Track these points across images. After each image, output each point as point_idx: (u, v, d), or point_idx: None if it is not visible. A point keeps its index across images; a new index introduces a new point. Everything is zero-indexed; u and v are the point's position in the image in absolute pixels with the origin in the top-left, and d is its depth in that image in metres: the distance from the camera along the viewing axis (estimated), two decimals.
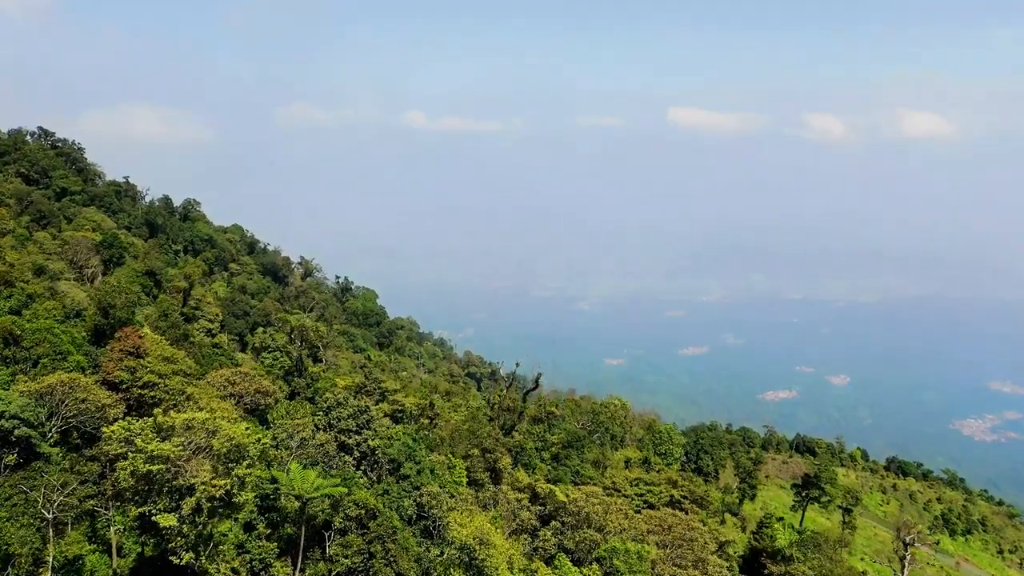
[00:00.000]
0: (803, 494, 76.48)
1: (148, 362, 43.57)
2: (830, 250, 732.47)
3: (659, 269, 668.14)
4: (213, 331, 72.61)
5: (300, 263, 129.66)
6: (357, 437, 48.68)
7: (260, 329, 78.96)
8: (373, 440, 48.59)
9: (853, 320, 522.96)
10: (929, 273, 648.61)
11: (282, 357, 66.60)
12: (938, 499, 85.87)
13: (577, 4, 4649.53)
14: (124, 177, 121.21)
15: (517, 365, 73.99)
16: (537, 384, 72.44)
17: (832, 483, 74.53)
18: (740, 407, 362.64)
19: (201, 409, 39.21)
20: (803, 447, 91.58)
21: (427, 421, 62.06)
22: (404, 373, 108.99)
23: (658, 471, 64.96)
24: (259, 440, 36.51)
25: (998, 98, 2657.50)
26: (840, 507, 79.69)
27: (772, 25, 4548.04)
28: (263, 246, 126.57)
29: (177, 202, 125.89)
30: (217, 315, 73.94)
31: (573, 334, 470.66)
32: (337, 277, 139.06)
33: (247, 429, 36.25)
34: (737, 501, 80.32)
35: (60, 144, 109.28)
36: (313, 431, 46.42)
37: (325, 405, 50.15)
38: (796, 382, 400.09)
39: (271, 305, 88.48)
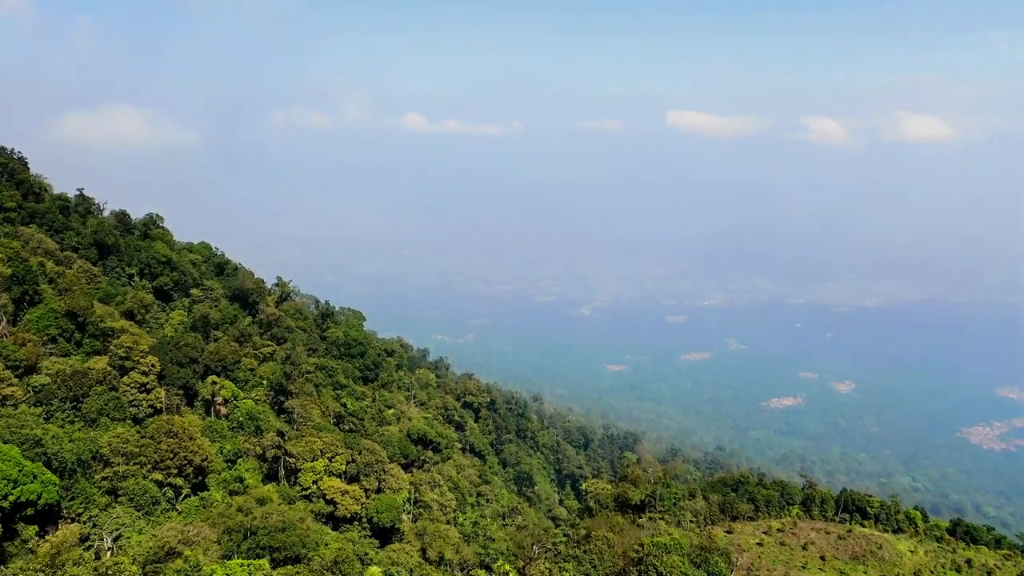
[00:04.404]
0: None
1: None
2: (832, 253, 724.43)
3: (660, 273, 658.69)
4: (148, 386, 59.74)
5: (277, 284, 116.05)
6: None
7: (212, 377, 66.18)
8: None
9: (856, 325, 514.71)
10: (931, 277, 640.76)
11: None
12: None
13: (575, 6, 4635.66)
14: (78, 189, 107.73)
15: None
16: None
17: None
18: (745, 415, 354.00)
19: None
20: (852, 506, 78.88)
21: None
22: (391, 411, 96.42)
23: None
24: None
25: (998, 101, 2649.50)
26: None
27: (770, 29, 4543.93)
28: (234, 266, 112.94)
29: (141, 214, 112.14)
30: (153, 365, 61.05)
31: (574, 339, 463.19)
32: (317, 301, 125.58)
33: None
34: None
35: None
36: None
37: None
38: (800, 389, 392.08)
39: (227, 347, 75.34)
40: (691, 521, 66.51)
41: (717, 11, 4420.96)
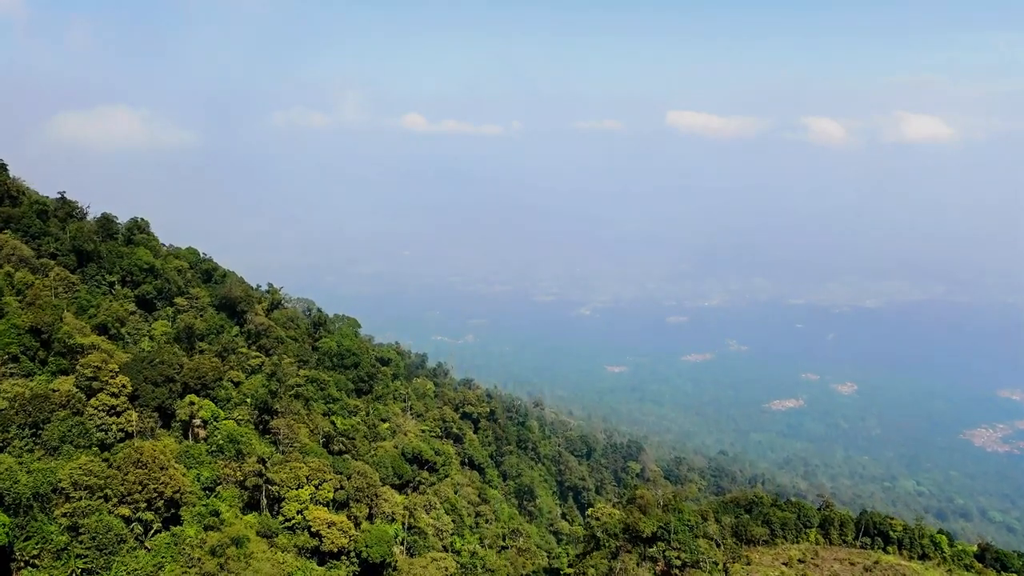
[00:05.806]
0: None
1: None
2: (832, 254, 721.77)
3: (660, 273, 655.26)
4: (118, 408, 54.99)
5: (267, 291, 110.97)
6: None
7: (191, 397, 61.49)
8: None
9: (857, 325, 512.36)
10: (931, 277, 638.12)
11: None
12: None
13: (575, 6, 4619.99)
14: (59, 192, 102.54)
15: None
16: None
17: None
18: (746, 417, 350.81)
19: None
20: (873, 529, 74.64)
21: None
22: (385, 425, 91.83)
23: None
24: None
25: (998, 101, 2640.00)
26: None
27: (770, 29, 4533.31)
28: (223, 272, 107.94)
29: (127, 219, 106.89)
30: (124, 386, 56.26)
31: (574, 340, 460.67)
32: (309, 309, 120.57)
33: None
34: None
35: None
36: None
37: None
38: (802, 390, 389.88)
39: (207, 363, 70.57)
40: (712, 562, 62.30)
41: (717, 11, 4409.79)
